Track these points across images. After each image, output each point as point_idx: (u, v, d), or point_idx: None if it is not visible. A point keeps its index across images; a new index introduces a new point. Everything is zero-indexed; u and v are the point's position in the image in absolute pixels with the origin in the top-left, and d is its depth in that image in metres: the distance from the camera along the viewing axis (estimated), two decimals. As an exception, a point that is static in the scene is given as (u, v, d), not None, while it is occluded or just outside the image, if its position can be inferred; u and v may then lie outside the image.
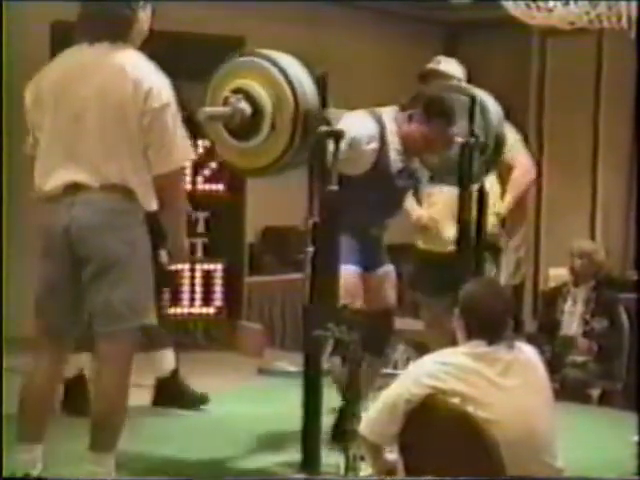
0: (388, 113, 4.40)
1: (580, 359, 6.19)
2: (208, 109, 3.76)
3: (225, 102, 3.71)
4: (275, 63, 3.73)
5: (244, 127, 3.71)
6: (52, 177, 3.57)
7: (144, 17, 3.67)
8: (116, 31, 3.59)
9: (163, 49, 4.73)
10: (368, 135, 4.26)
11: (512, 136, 5.16)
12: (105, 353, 3.63)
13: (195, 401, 5.08)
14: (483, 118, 4.61)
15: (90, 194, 3.53)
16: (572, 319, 6.28)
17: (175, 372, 5.11)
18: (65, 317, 3.65)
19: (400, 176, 4.42)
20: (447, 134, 4.41)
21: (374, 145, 4.30)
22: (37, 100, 3.65)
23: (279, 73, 3.70)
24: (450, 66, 5.21)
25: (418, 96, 4.44)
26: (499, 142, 4.70)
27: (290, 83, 3.68)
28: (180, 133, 3.58)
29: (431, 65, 5.21)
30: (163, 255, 4.01)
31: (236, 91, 3.71)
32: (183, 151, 3.60)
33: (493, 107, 4.68)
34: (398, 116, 4.40)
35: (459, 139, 4.45)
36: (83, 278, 3.58)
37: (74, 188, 3.54)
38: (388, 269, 4.59)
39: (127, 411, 3.64)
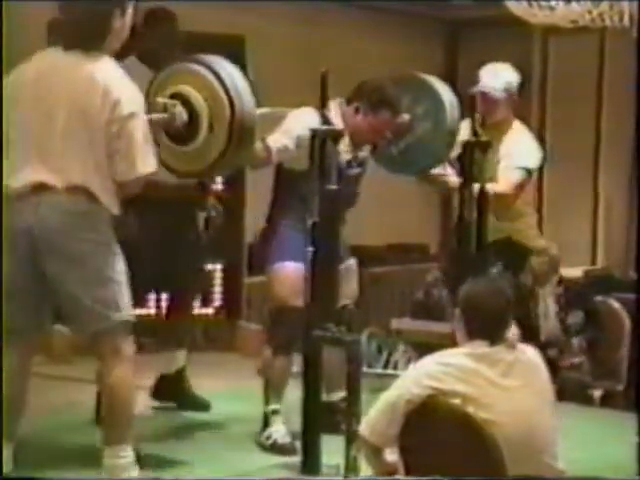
0: (334, 107, 4.39)
1: (577, 360, 6.16)
2: (147, 116, 3.82)
3: (163, 108, 3.82)
4: (209, 68, 3.84)
5: (182, 131, 3.83)
6: (20, 175, 3.64)
7: (121, 25, 3.71)
8: (89, 41, 3.66)
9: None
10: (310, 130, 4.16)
11: (523, 159, 5.08)
12: (98, 353, 3.74)
13: (196, 405, 5.04)
14: (435, 108, 4.64)
15: (55, 195, 3.61)
16: (548, 321, 6.26)
17: (180, 371, 5.07)
18: (29, 316, 3.73)
19: (350, 166, 4.44)
20: (394, 123, 4.45)
21: None
22: (10, 98, 3.69)
23: (214, 77, 3.81)
24: (489, 78, 5.13)
25: (362, 87, 4.44)
26: (450, 139, 4.67)
27: (224, 86, 3.79)
28: (146, 143, 3.66)
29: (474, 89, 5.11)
30: None
31: (173, 96, 3.84)
32: (146, 162, 3.66)
33: (449, 100, 4.67)
34: (345, 109, 4.42)
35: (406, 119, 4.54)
36: (49, 279, 3.65)
37: (40, 188, 3.61)
38: (349, 264, 4.58)
39: (133, 404, 3.78)
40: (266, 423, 4.46)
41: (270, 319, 4.53)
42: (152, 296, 5.61)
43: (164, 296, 5.25)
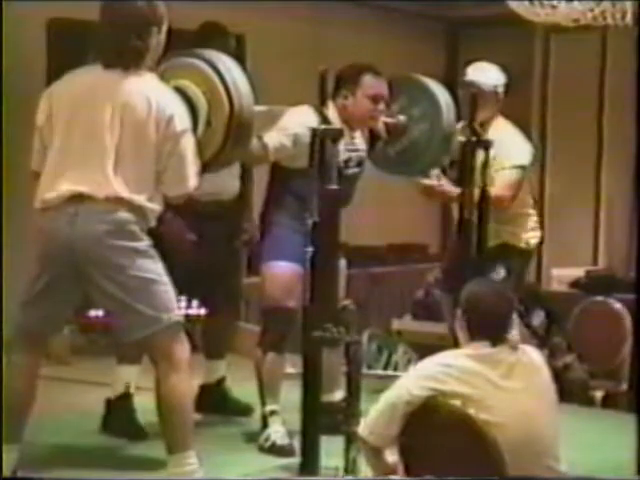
0: (331, 106, 4.37)
1: (569, 360, 6.15)
2: None
3: None
4: (209, 62, 3.83)
5: None
6: (56, 187, 3.64)
7: (157, 42, 3.73)
8: (129, 60, 3.68)
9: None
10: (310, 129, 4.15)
11: (516, 158, 4.96)
12: (151, 358, 3.77)
13: (239, 410, 4.98)
14: (432, 110, 4.62)
15: (93, 204, 3.61)
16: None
17: (221, 380, 5.04)
18: (52, 320, 3.77)
19: (348, 165, 4.43)
20: (381, 84, 4.42)
21: None
22: (49, 117, 3.71)
23: (213, 72, 3.81)
24: (478, 74, 5.09)
25: (337, 77, 4.44)
26: (447, 140, 4.65)
27: (223, 82, 3.79)
28: (195, 159, 3.71)
29: (462, 78, 5.09)
30: None
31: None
32: (194, 178, 3.72)
33: (445, 101, 4.64)
34: (337, 103, 4.41)
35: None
36: (90, 286, 3.66)
37: (78, 198, 3.61)
38: (341, 265, 4.56)
39: (191, 407, 3.83)
40: (265, 424, 4.44)
41: (262, 319, 4.52)
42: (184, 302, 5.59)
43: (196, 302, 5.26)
